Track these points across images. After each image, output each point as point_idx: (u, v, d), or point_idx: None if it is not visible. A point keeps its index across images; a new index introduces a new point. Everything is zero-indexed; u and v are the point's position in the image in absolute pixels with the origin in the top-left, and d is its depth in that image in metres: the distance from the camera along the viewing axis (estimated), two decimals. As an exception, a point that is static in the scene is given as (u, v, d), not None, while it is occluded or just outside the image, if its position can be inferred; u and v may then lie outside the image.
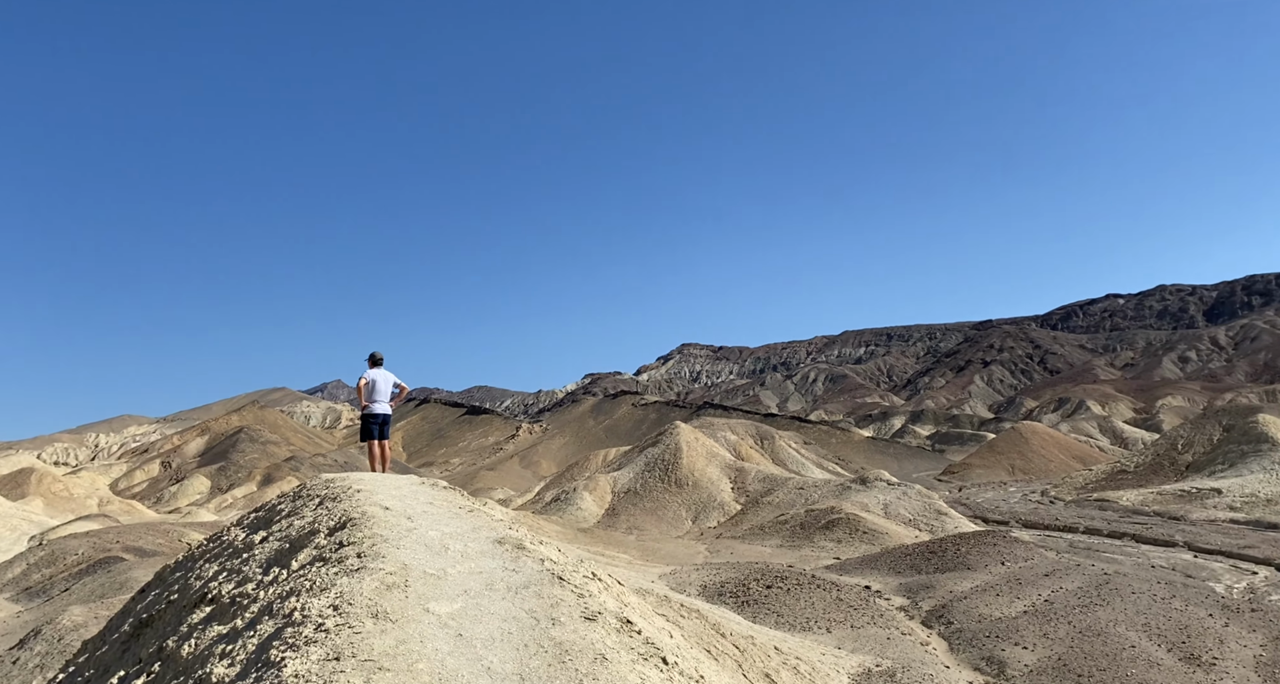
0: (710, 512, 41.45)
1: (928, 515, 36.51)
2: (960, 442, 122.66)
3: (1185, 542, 31.65)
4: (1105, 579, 20.22)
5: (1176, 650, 13.46)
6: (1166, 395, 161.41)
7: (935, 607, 17.76)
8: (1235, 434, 52.14)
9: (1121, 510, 43.67)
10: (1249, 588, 22.86)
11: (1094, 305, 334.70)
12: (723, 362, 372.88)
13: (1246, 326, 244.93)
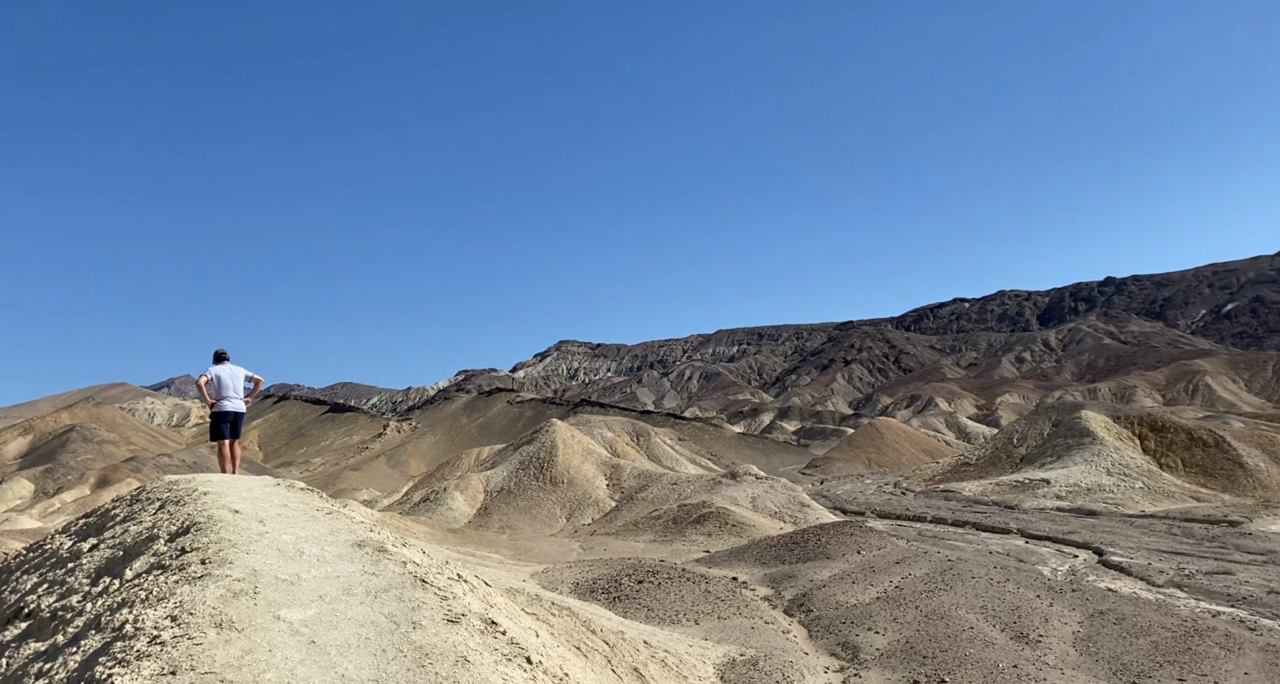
0: (585, 509, 41.52)
1: (792, 508, 38.00)
2: (823, 437, 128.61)
3: (1018, 529, 34.46)
4: (949, 565, 21.72)
5: (1009, 629, 14.63)
6: (1005, 393, 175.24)
7: (796, 596, 18.52)
8: (1062, 429, 57.25)
9: (964, 500, 47.04)
10: (1071, 570, 25.16)
11: (943, 309, 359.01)
12: (601, 359, 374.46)
13: (1073, 330, 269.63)
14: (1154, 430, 54.15)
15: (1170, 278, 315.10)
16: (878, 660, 13.39)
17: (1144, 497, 44.89)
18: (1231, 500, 44.57)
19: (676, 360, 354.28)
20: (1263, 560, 25.37)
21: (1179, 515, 38.82)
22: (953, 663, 12.67)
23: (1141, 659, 12.94)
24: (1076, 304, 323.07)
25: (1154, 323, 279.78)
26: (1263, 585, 20.80)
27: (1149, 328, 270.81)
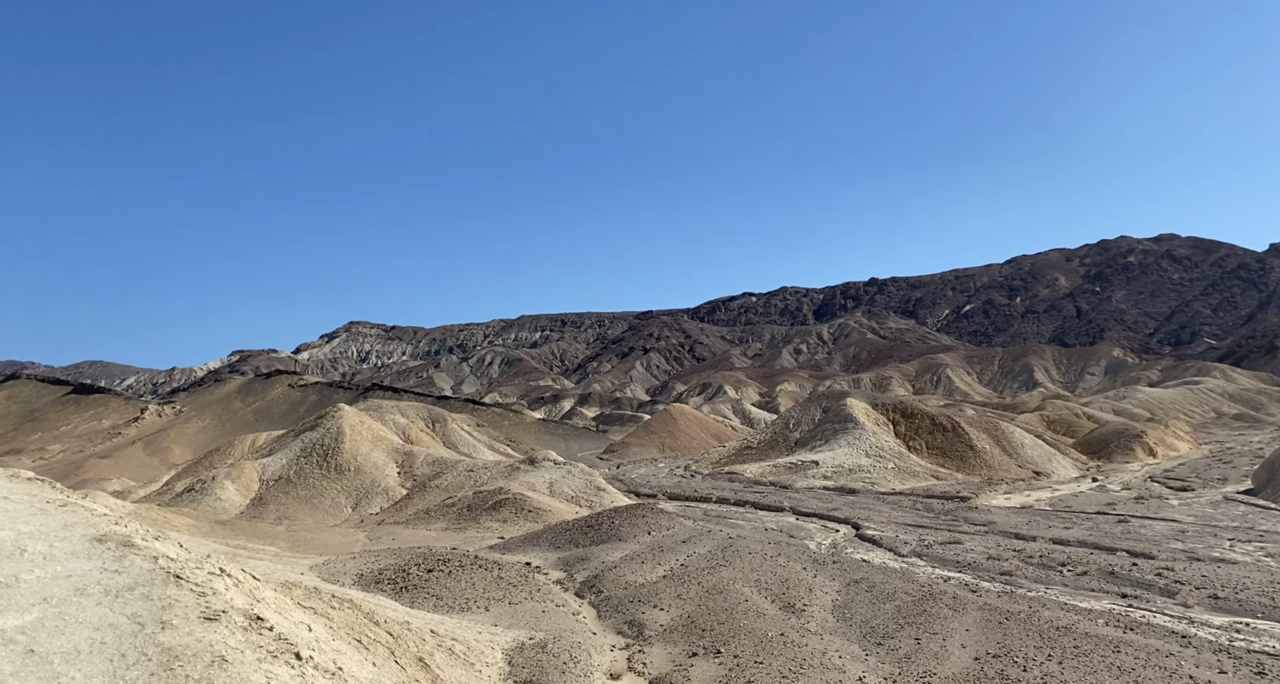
0: (373, 498, 39.72)
1: (589, 492, 38.67)
2: (621, 422, 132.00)
3: (790, 507, 37.39)
4: (730, 542, 23.14)
5: (778, 601, 15.84)
6: (784, 381, 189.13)
7: (588, 578, 18.90)
8: (830, 415, 62.79)
9: (746, 481, 50.28)
10: (833, 543, 27.69)
11: (733, 302, 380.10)
12: (395, 342, 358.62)
13: (842, 325, 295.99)
14: (905, 416, 60.80)
15: (922, 280, 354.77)
16: (661, 636, 13.99)
17: (895, 476, 50.32)
18: (964, 479, 51.18)
19: (477, 345, 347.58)
20: (984, 531, 29.36)
21: (922, 493, 43.94)
22: (728, 634, 13.52)
23: (887, 622, 14.53)
24: (846, 302, 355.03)
25: (908, 320, 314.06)
26: (983, 552, 24.10)
27: (904, 325, 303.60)
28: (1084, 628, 13.91)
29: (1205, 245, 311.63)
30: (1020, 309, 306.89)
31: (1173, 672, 11.49)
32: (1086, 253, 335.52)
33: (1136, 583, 19.18)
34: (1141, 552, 23.83)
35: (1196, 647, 13.01)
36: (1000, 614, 14.87)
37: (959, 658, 12.44)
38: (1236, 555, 23.43)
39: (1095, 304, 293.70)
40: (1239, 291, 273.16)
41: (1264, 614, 15.99)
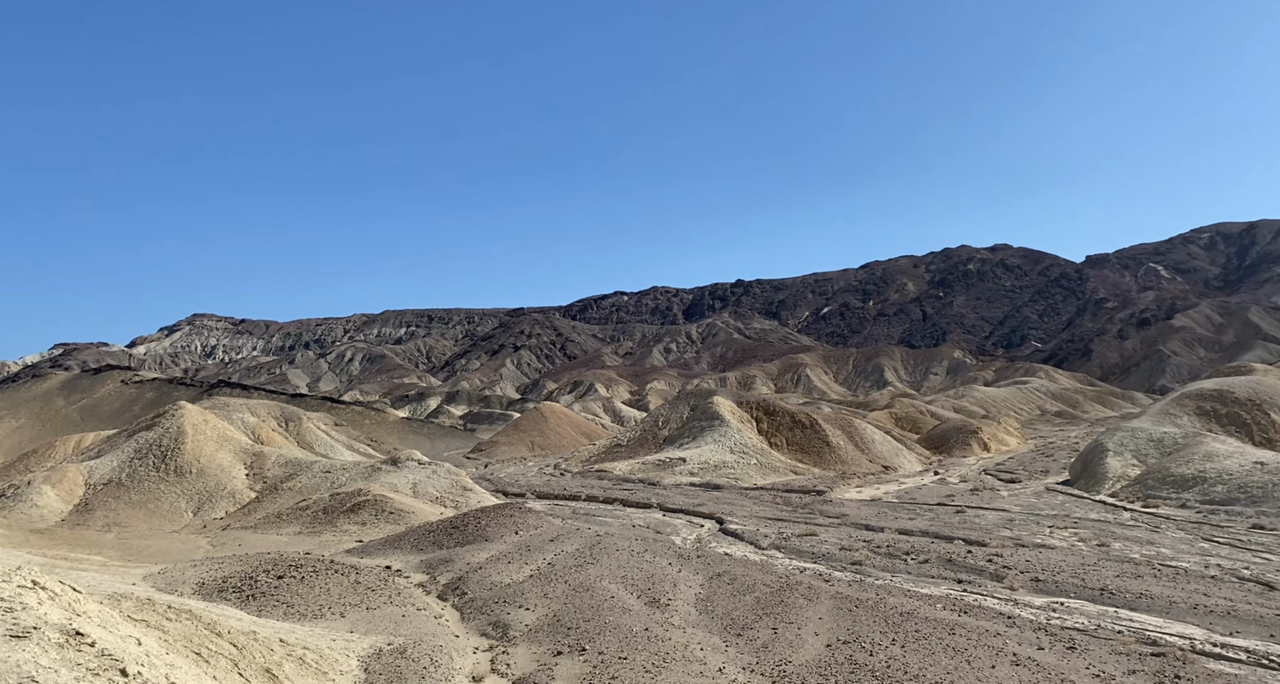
0: (218, 502, 37.15)
1: (454, 492, 37.78)
2: (490, 421, 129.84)
3: (658, 503, 38.00)
4: (597, 540, 23.24)
5: (644, 596, 16.06)
6: (654, 380, 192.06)
7: (452, 579, 18.46)
8: (698, 413, 64.32)
9: (615, 479, 50.67)
10: (698, 538, 28.37)
11: (605, 300, 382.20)
12: (245, 336, 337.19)
13: (710, 325, 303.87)
14: (767, 414, 63.14)
15: (784, 283, 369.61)
16: (526, 636, 13.86)
17: (757, 472, 52.16)
18: (820, 473, 53.73)
19: (337, 340, 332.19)
20: (838, 523, 30.94)
21: (782, 487, 45.77)
22: (594, 631, 13.57)
23: (747, 613, 15.03)
24: (714, 302, 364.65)
25: (771, 321, 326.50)
26: (836, 544, 25.39)
27: (767, 326, 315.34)
28: (925, 613, 14.90)
29: (1033, 256, 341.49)
30: (873, 312, 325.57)
31: (999, 650, 12.51)
32: (932, 260, 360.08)
33: (970, 569, 20.75)
34: (975, 540, 25.82)
35: (1020, 626, 14.23)
36: (850, 602, 15.71)
37: (813, 645, 13.04)
38: (1055, 541, 25.81)
39: (939, 308, 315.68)
40: (1061, 299, 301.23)
41: (1075, 594, 17.71)
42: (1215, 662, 12.31)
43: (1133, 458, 45.61)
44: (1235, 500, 33.95)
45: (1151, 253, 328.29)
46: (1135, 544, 25.20)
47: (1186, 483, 37.52)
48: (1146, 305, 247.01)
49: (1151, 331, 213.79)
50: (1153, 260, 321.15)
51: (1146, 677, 11.33)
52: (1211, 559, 22.41)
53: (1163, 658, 12.19)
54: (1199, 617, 15.44)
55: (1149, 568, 20.62)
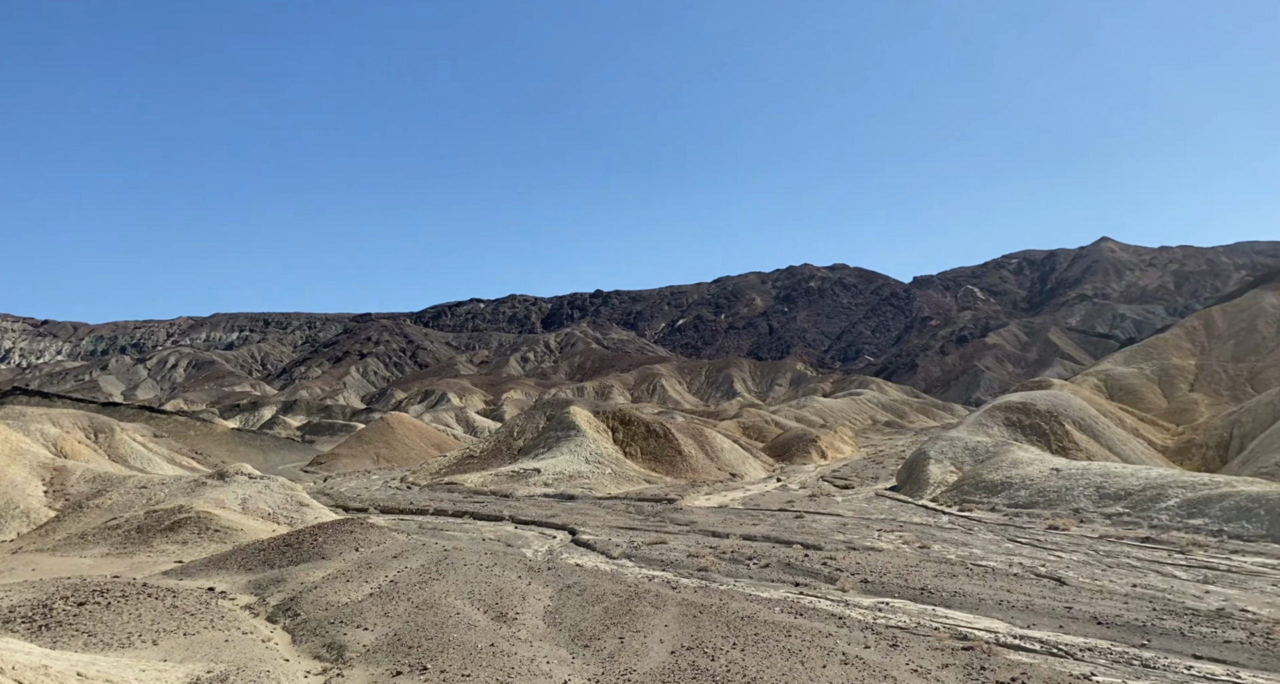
0: (8, 522, 33.10)
1: (289, 508, 35.57)
2: (331, 432, 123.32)
3: (510, 516, 37.46)
4: (444, 555, 22.58)
5: (491, 611, 15.76)
6: (511, 389, 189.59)
7: (284, 600, 17.35)
8: (554, 423, 64.06)
9: (466, 492, 49.50)
10: (549, 550, 28.19)
11: (461, 307, 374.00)
12: (48, 339, 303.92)
13: (569, 335, 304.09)
14: (623, 423, 63.83)
15: (642, 295, 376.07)
16: (363, 657, 13.24)
17: (612, 481, 52.57)
18: (672, 482, 54.86)
19: (158, 345, 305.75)
20: (687, 530, 31.68)
21: (635, 496, 46.35)
22: (437, 649, 13.16)
23: (595, 624, 15.07)
24: (573, 312, 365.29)
25: (629, 332, 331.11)
26: (684, 551, 25.99)
27: (625, 336, 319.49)
28: (764, 616, 15.51)
29: (868, 275, 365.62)
30: (724, 325, 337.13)
31: (830, 650, 13.22)
32: (778, 277, 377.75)
33: (807, 572, 21.82)
34: (812, 544, 27.19)
35: (849, 626, 15.10)
36: (695, 608, 16.10)
37: (657, 653, 13.25)
38: (883, 544, 27.61)
39: (784, 323, 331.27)
40: (891, 316, 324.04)
41: (899, 594, 19.02)
42: (1015, 652, 13.56)
43: (951, 465, 49.58)
44: (1036, 503, 37.65)
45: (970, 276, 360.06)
46: (952, 545, 27.38)
47: (996, 488, 41.21)
48: (965, 324, 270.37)
49: (969, 348, 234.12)
50: (970, 282, 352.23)
51: (957, 669, 12.31)
52: (1015, 558, 24.72)
53: (971, 651, 13.29)
54: (1003, 611, 16.97)
55: (963, 568, 22.46)
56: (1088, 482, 37.81)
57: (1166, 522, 31.40)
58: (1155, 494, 34.04)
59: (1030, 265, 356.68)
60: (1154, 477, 36.87)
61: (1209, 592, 19.69)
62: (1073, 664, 12.97)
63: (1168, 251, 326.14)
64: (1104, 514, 33.98)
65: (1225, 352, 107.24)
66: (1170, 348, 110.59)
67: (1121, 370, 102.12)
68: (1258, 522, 29.04)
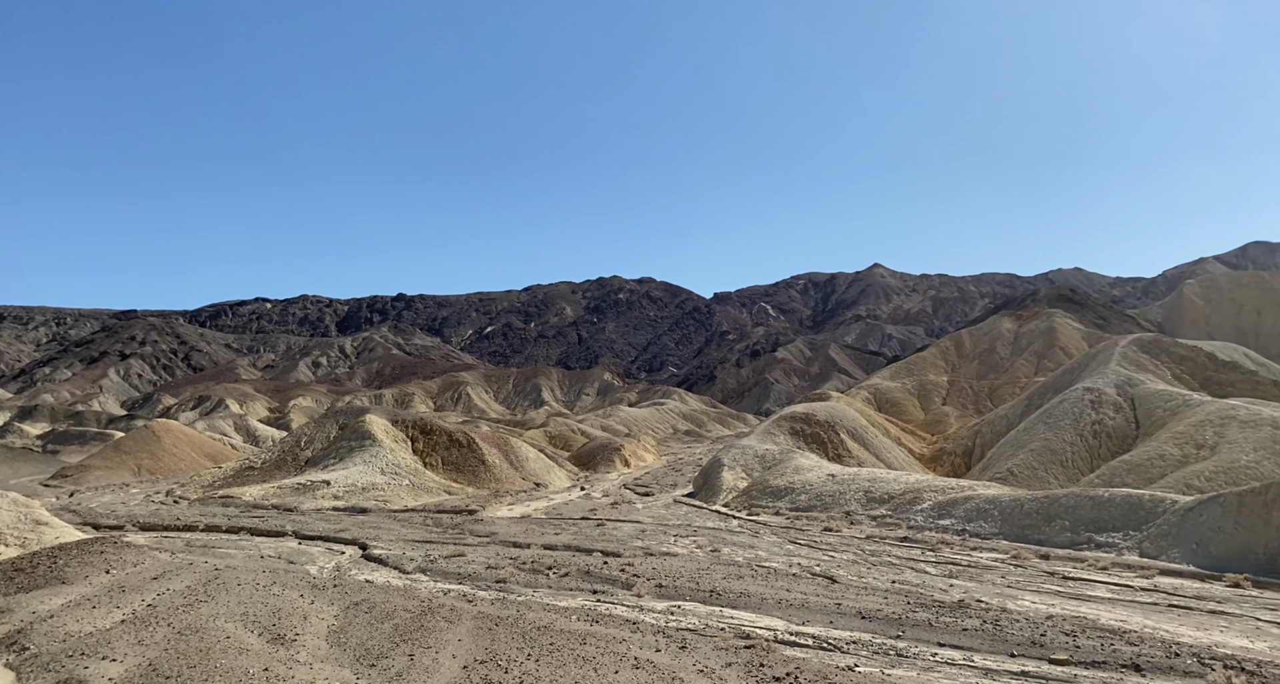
0: None
1: (22, 527, 30.87)
2: (82, 441, 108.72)
3: (294, 531, 34.92)
4: (215, 575, 20.61)
5: (267, 633, 14.59)
6: (299, 396, 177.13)
7: (9, 633, 15.03)
8: (347, 432, 60.63)
9: (244, 506, 45.55)
10: (336, 566, 26.59)
11: (244, 307, 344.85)
12: None
13: (367, 339, 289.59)
14: (424, 433, 61.67)
15: (449, 300, 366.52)
16: (110, 695, 11.77)
17: (409, 493, 50.56)
18: (474, 492, 53.72)
19: None
20: (487, 541, 31.13)
21: (434, 508, 44.90)
22: (199, 678, 11.98)
23: (383, 641, 14.40)
24: (373, 315, 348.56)
25: (433, 338, 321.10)
26: (483, 563, 25.52)
27: (429, 342, 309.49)
28: (560, 625, 15.57)
29: (673, 289, 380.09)
30: (534, 333, 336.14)
31: (623, 655, 13.51)
32: (588, 287, 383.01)
33: (605, 579, 22.18)
34: (612, 551, 27.69)
35: (643, 631, 15.52)
36: (491, 621, 15.85)
37: (449, 668, 12.89)
38: (678, 549, 28.69)
39: (593, 333, 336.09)
40: (693, 330, 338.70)
41: (691, 597, 19.84)
42: (790, 648, 14.57)
43: (742, 472, 52.54)
44: (814, 507, 40.78)
45: (763, 294, 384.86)
46: (740, 548, 28.99)
47: (781, 493, 44.18)
48: (758, 339, 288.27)
49: (761, 362, 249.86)
50: (764, 300, 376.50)
51: (739, 668, 13.03)
52: (794, 559, 26.61)
53: (753, 649, 14.12)
54: (782, 610, 18.19)
55: (749, 569, 23.83)
56: (858, 487, 41.53)
57: (921, 522, 35.17)
58: (913, 498, 38.04)
59: (815, 286, 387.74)
60: (912, 482, 41.20)
61: (953, 585, 22.27)
62: (840, 657, 14.14)
63: (928, 279, 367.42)
64: (871, 516, 37.48)
65: (971, 370, 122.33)
66: (927, 366, 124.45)
67: (888, 385, 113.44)
68: (992, 521, 33.29)
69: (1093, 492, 32.67)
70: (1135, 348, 69.04)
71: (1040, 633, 15.76)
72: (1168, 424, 50.78)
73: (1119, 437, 53.95)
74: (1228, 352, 71.25)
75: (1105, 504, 30.81)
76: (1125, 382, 59.63)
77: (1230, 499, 27.23)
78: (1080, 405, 57.25)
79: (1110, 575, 24.37)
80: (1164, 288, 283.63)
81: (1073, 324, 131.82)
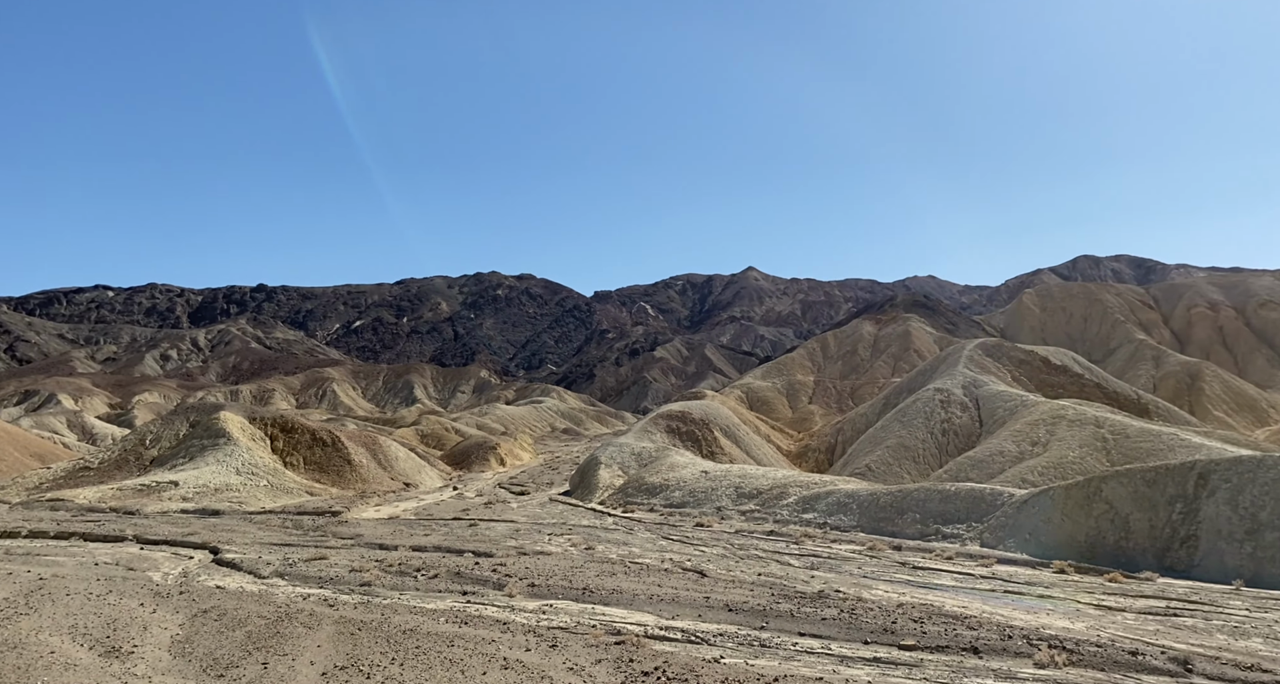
0: None
1: None
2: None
3: (135, 535, 32.33)
4: (40, 584, 18.81)
5: (100, 646, 13.46)
6: (144, 391, 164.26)
7: None
8: (199, 430, 56.73)
9: (77, 509, 41.77)
10: (183, 572, 24.81)
11: (81, 295, 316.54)
12: None
13: (223, 332, 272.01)
14: (284, 431, 58.56)
15: (314, 292, 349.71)
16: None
17: (267, 494, 47.88)
18: (338, 493, 51.50)
19: None
20: (352, 544, 29.92)
21: (294, 510, 42.72)
22: (19, 702, 10.89)
23: (234, 650, 13.57)
24: (230, 307, 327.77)
25: (297, 332, 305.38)
26: (347, 566, 24.50)
27: (292, 336, 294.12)
28: (427, 628, 15.17)
29: (553, 287, 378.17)
30: (407, 328, 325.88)
31: (492, 656, 13.33)
32: (465, 282, 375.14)
33: (476, 580, 21.79)
34: (484, 551, 27.24)
35: (513, 631, 15.35)
36: (354, 625, 15.25)
37: (307, 675, 12.31)
38: (552, 547, 28.57)
39: (470, 329, 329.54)
40: (573, 328, 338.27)
41: (563, 595, 19.79)
42: (660, 643, 14.81)
43: (619, 469, 52.96)
44: (687, 503, 41.64)
45: (643, 294, 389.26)
46: (614, 545, 29.20)
47: (655, 490, 44.84)
48: (637, 338, 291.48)
49: (640, 361, 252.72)
50: (644, 299, 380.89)
51: (609, 664, 13.12)
52: (667, 554, 27.06)
53: (623, 645, 14.25)
54: (653, 605, 18.46)
55: (622, 566, 24.04)
56: (729, 483, 42.74)
57: (787, 516, 36.60)
58: (780, 493, 39.52)
59: (693, 287, 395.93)
60: (779, 478, 42.80)
61: (814, 576, 23.30)
62: (707, 649, 14.50)
63: (797, 283, 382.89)
64: (740, 511, 38.66)
65: (835, 370, 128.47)
66: (796, 366, 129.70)
67: (759, 384, 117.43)
68: (851, 514, 35.07)
69: (940, 486, 35.02)
70: (980, 352, 74.55)
71: (891, 621, 16.73)
72: (1007, 423, 55.11)
73: (965, 434, 58.08)
74: (1059, 356, 78.15)
75: (951, 498, 33.08)
76: (971, 383, 64.25)
77: (1058, 492, 29.87)
78: (931, 405, 61.22)
79: (955, 565, 26.20)
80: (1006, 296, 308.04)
81: (926, 328, 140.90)
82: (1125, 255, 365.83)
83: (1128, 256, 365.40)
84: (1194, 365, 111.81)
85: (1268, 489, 24.08)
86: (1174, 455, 42.40)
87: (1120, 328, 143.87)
